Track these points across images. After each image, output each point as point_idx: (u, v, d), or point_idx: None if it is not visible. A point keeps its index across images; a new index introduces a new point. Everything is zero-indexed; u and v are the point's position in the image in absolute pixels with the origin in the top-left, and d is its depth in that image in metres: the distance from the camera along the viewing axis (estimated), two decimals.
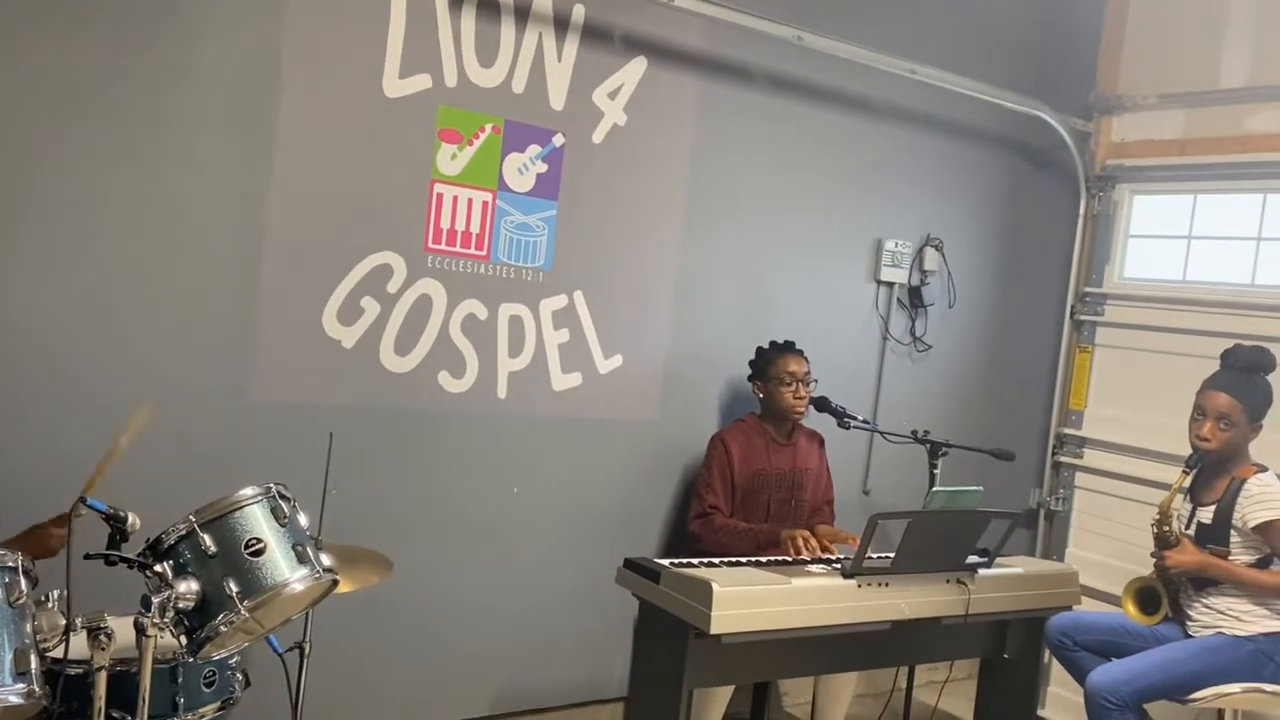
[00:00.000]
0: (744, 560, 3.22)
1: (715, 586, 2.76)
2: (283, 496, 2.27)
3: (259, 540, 2.18)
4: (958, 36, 4.40)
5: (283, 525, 2.23)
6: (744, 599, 2.81)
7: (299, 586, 2.20)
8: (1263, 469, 3.24)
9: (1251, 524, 3.17)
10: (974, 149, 4.57)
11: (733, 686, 3.51)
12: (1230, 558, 3.22)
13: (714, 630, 2.76)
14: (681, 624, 2.85)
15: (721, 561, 3.17)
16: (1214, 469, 3.32)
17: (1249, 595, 3.20)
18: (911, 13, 4.28)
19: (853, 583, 3.02)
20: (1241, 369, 3.28)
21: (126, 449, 2.36)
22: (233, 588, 2.12)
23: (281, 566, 2.19)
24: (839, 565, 3.12)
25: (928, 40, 4.21)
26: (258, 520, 2.21)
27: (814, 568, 3.15)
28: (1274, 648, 3.17)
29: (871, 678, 4.24)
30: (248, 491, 2.22)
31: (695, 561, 3.11)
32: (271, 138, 3.06)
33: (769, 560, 3.26)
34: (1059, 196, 4.75)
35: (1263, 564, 3.20)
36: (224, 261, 3.05)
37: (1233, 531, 3.22)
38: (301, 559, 2.23)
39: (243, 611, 2.12)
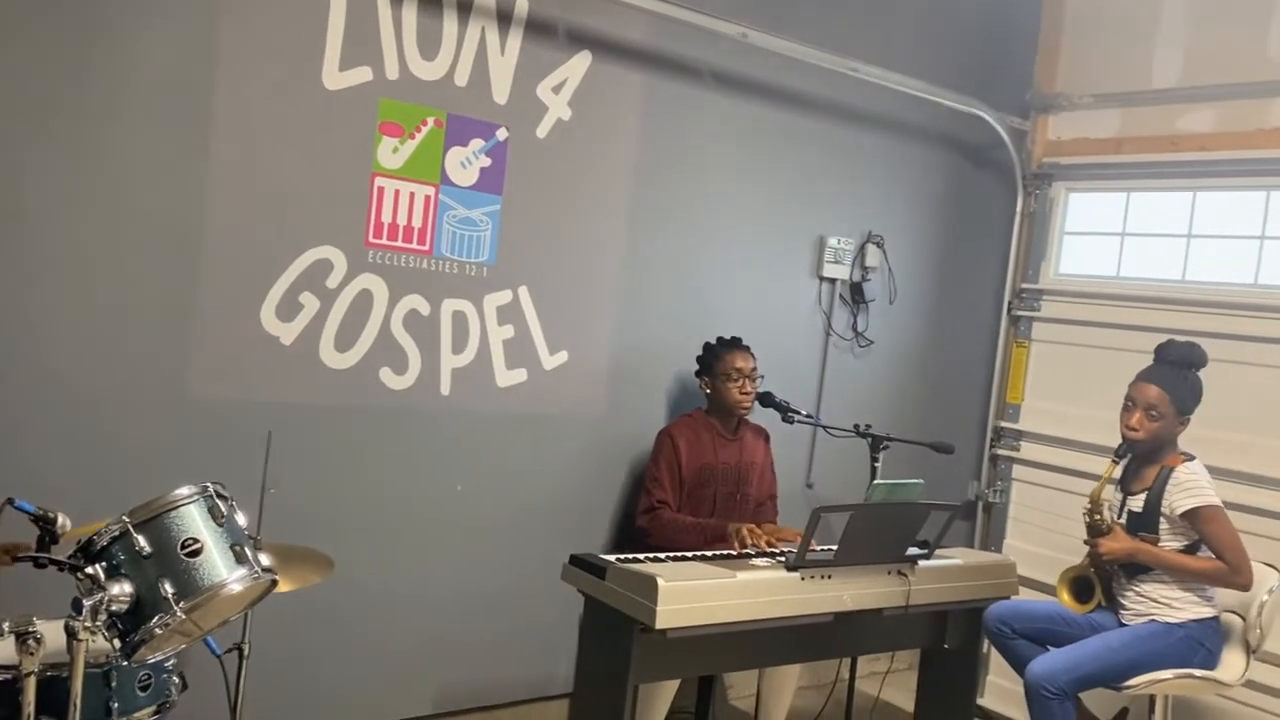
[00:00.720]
0: (689, 554, 3.23)
1: (660, 581, 2.77)
2: (220, 496, 2.23)
3: (195, 540, 2.14)
4: (899, 36, 4.45)
5: (220, 525, 2.19)
6: (689, 593, 2.83)
7: (237, 587, 2.16)
8: (1190, 458, 3.32)
9: (1179, 511, 3.25)
10: (914, 147, 4.63)
11: (678, 681, 3.52)
12: (1160, 544, 3.30)
13: (659, 625, 2.76)
14: (627, 619, 2.85)
15: (667, 556, 3.18)
16: (1144, 459, 3.40)
17: (1179, 582, 3.28)
18: (854, 12, 4.32)
19: (796, 575, 3.05)
20: (1174, 363, 3.36)
21: None
22: (168, 589, 2.08)
23: (219, 567, 2.15)
24: (783, 558, 3.15)
25: (870, 39, 4.25)
26: (194, 520, 2.17)
27: (758, 561, 3.18)
28: (1203, 633, 3.26)
29: (815, 669, 4.28)
30: (183, 491, 2.18)
31: (641, 556, 3.12)
32: (208, 130, 3.00)
33: (714, 554, 3.27)
34: (997, 194, 4.83)
35: (1190, 550, 3.29)
36: (159, 256, 2.98)
37: (1162, 519, 3.30)
38: (240, 559, 2.19)
39: (179, 613, 2.07)
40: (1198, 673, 3.24)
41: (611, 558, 3.05)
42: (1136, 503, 3.36)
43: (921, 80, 4.29)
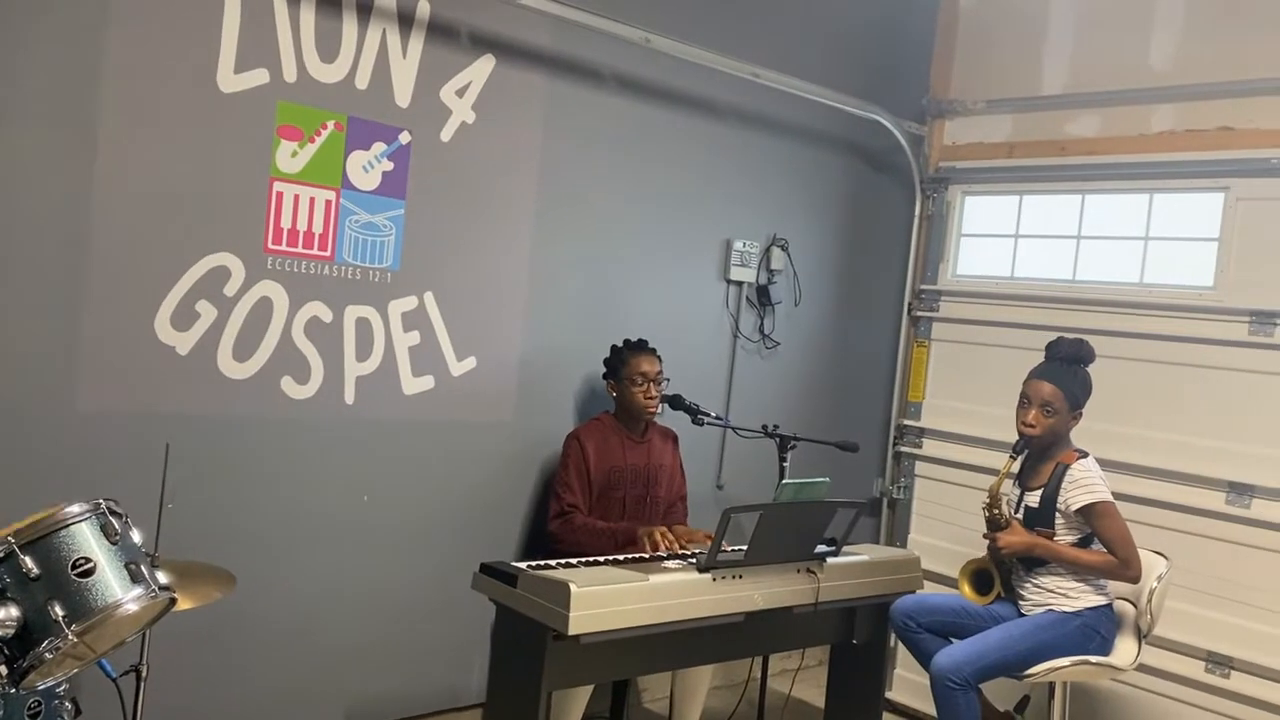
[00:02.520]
0: (601, 559, 3.23)
1: (573, 587, 2.76)
2: (113, 513, 2.16)
3: (88, 560, 2.06)
4: (800, 43, 4.52)
5: (114, 543, 2.12)
6: (602, 598, 2.82)
7: (133, 607, 2.09)
8: (1084, 454, 3.44)
9: (1074, 507, 3.37)
10: (816, 151, 4.71)
11: (591, 686, 3.52)
12: (1055, 538, 3.41)
13: (572, 631, 2.76)
14: (539, 626, 2.84)
15: (579, 561, 3.17)
16: (1040, 455, 3.51)
17: (1073, 573, 3.40)
18: (757, 19, 4.37)
19: (708, 577, 3.07)
20: (1064, 360, 3.48)
21: None
22: (59, 611, 2.00)
23: (113, 586, 2.08)
24: (694, 560, 3.16)
25: (772, 46, 4.32)
26: (86, 538, 2.09)
27: (670, 563, 3.19)
28: (1098, 621, 3.38)
29: (727, 669, 4.31)
30: (74, 509, 2.10)
31: (553, 563, 3.11)
32: (94, 132, 2.89)
33: (626, 558, 3.28)
34: (896, 197, 4.95)
35: (1084, 543, 3.41)
36: (43, 264, 2.86)
37: (1057, 514, 3.41)
38: (135, 578, 2.12)
39: (71, 636, 2.00)
40: (1094, 659, 3.36)
41: (523, 565, 3.03)
42: (1033, 498, 3.47)
43: (822, 86, 4.37)
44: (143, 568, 2.15)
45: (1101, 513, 3.34)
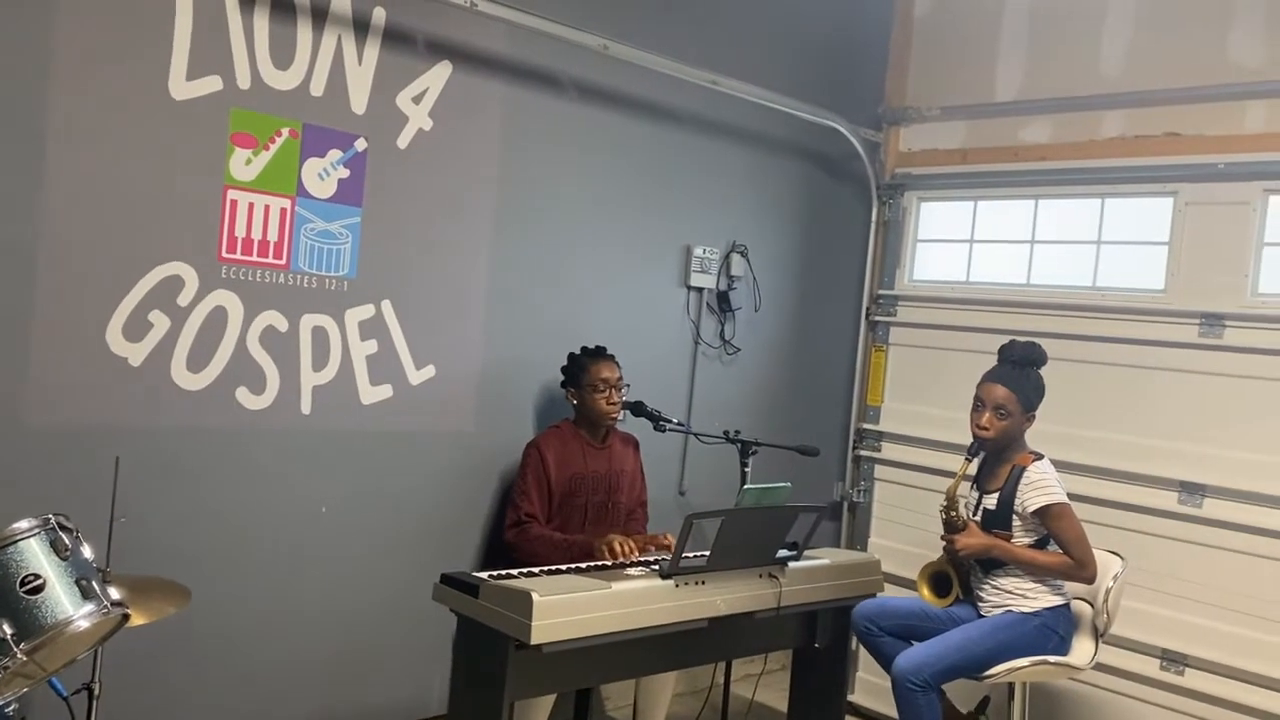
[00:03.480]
0: (563, 567, 3.22)
1: (535, 596, 2.74)
2: (63, 528, 2.12)
3: (37, 576, 2.02)
4: (758, 51, 4.54)
5: (64, 559, 2.08)
6: (564, 607, 2.81)
7: (84, 624, 2.05)
8: (1039, 457, 3.48)
9: (1030, 509, 3.40)
10: (775, 158, 4.73)
11: (554, 695, 3.50)
12: (1013, 540, 3.44)
13: (535, 640, 2.74)
14: (502, 636, 2.82)
15: (541, 570, 3.15)
16: (996, 457, 3.55)
17: (1031, 574, 3.44)
18: (715, 26, 4.39)
19: (670, 583, 3.06)
20: (1016, 363, 3.52)
21: None
22: (7, 630, 1.97)
23: (64, 603, 2.04)
24: (657, 567, 3.16)
25: (730, 54, 4.33)
26: (35, 555, 2.05)
27: (633, 570, 3.18)
28: (1056, 621, 3.42)
29: (690, 676, 4.31)
30: (22, 525, 2.06)
31: (515, 572, 3.09)
32: (41, 138, 2.84)
33: (588, 566, 3.27)
34: (853, 204, 4.99)
35: (1041, 545, 3.45)
36: None
37: (1014, 516, 3.44)
38: (86, 594, 2.09)
39: (19, 655, 1.96)
40: (1052, 659, 3.39)
41: (484, 575, 3.01)
42: (991, 501, 3.51)
43: (780, 94, 4.40)
44: (94, 583, 2.11)
45: (1057, 514, 3.38)
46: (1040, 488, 3.40)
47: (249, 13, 3.16)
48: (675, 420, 3.99)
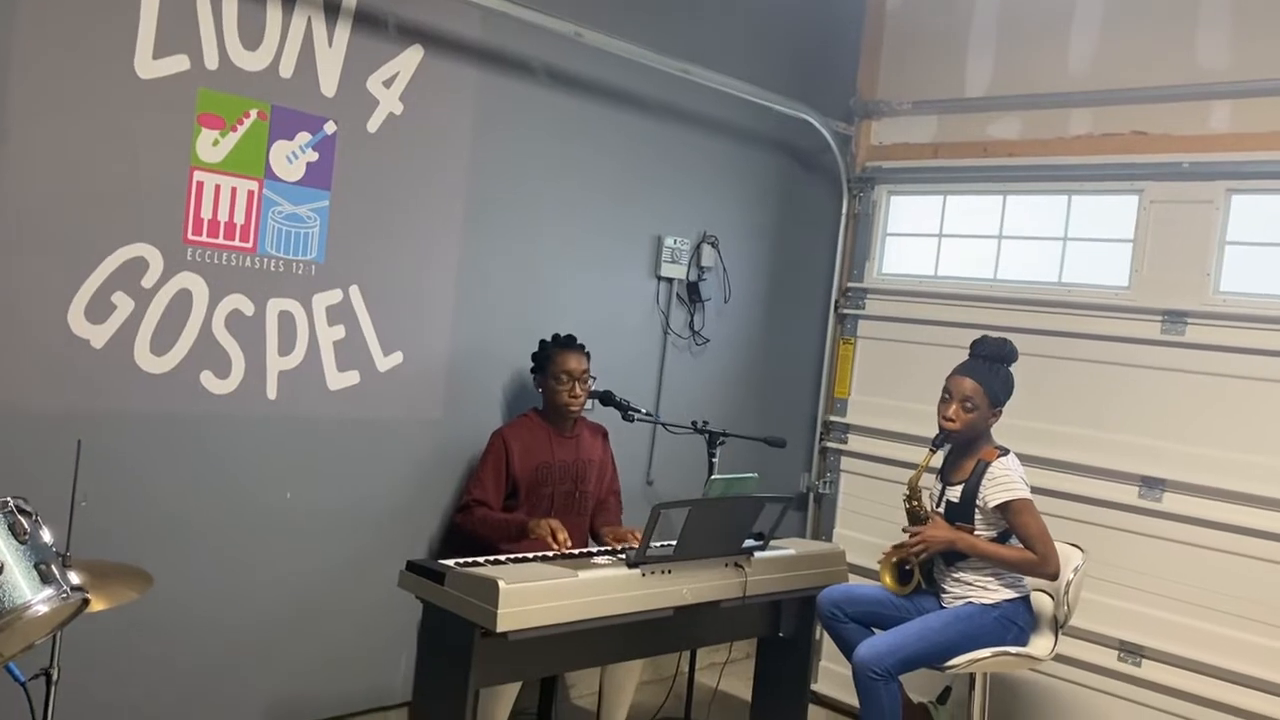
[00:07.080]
0: (530, 556, 3.22)
1: (501, 584, 2.74)
2: (22, 511, 2.09)
3: None
4: (731, 41, 4.54)
5: (23, 542, 2.06)
6: (530, 594, 2.81)
7: (43, 608, 2.03)
8: (1005, 452, 3.52)
9: (992, 504, 3.44)
10: (746, 149, 4.74)
11: (519, 683, 3.50)
12: (975, 533, 3.48)
13: (501, 628, 2.74)
14: (467, 624, 2.82)
15: (507, 558, 3.15)
16: (961, 450, 3.58)
17: (992, 567, 3.48)
18: (689, 16, 4.39)
19: (637, 572, 3.07)
20: (987, 358, 3.55)
21: None
22: None
23: (22, 588, 2.01)
24: (623, 556, 3.17)
25: (703, 44, 4.33)
26: None
27: (599, 559, 3.20)
28: (1015, 613, 3.46)
29: (655, 664, 4.33)
30: None
31: (481, 560, 3.09)
32: (2, 116, 2.78)
33: (555, 554, 3.27)
34: (824, 196, 5.00)
35: (1003, 538, 3.48)
36: None
37: (977, 510, 3.47)
38: (45, 578, 2.06)
39: None
40: (1013, 650, 3.43)
41: (451, 562, 3.01)
42: (954, 493, 3.54)
43: (752, 85, 4.40)
44: (53, 568, 2.09)
45: (1019, 510, 3.41)
46: (1002, 483, 3.43)
47: None
48: (644, 410, 3.99)
